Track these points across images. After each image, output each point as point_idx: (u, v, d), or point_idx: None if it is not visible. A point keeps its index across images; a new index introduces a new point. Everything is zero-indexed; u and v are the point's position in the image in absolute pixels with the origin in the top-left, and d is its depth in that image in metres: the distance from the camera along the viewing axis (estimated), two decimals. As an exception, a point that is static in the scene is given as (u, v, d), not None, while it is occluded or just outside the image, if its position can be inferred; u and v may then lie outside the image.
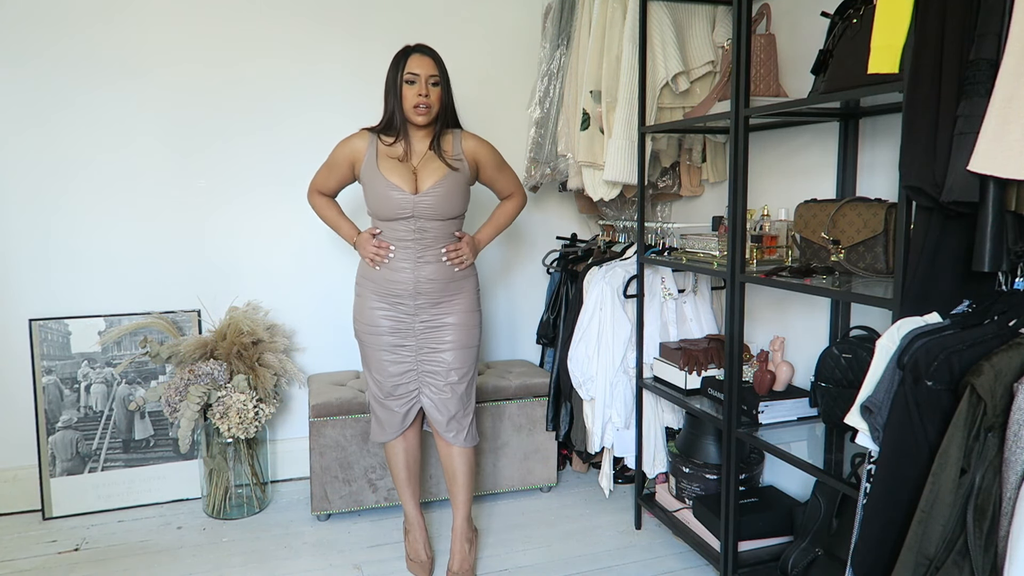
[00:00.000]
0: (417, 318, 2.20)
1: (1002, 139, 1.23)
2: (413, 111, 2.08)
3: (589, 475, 3.10)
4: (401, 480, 2.36)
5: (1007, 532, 1.11)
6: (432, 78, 2.09)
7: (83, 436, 2.76)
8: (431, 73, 2.09)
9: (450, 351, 2.21)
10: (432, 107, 2.09)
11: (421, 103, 2.07)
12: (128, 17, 2.74)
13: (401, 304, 2.18)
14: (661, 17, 2.46)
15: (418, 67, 2.07)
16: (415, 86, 2.07)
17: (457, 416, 2.24)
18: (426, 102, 2.07)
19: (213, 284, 2.92)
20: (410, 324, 2.20)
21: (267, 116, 2.94)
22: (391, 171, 2.12)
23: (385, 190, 2.10)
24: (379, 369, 2.23)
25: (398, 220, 2.13)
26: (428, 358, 2.22)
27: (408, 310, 2.19)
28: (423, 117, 2.09)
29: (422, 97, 2.06)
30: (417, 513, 2.38)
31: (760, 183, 2.49)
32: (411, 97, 2.07)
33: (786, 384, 2.20)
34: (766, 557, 2.22)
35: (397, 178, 2.11)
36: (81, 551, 2.48)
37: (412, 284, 2.16)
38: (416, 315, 2.19)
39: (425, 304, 2.19)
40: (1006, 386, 1.15)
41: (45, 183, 2.72)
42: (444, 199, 2.12)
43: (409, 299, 2.18)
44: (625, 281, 2.61)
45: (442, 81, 2.11)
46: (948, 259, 1.44)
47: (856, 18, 1.72)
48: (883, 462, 1.35)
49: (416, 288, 2.17)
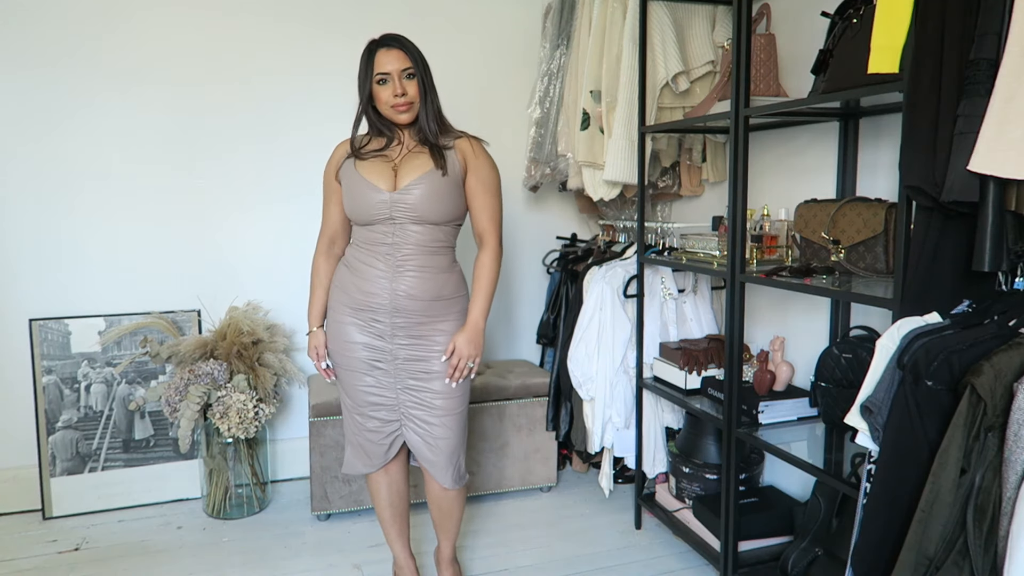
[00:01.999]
0: (395, 340, 1.91)
1: (1002, 139, 1.22)
2: (393, 111, 1.88)
3: (589, 475, 3.10)
4: (385, 520, 2.10)
5: (1007, 532, 1.11)
6: (406, 71, 1.86)
7: (83, 436, 2.76)
8: (404, 67, 1.85)
9: (439, 382, 1.92)
10: (414, 102, 1.88)
11: (400, 103, 1.86)
12: (132, 24, 2.75)
13: (377, 322, 1.91)
14: (661, 17, 2.46)
15: (388, 63, 1.84)
16: (388, 85, 1.86)
17: (451, 456, 1.97)
18: (405, 101, 1.86)
19: (213, 284, 2.92)
20: (387, 347, 1.92)
21: (267, 117, 2.94)
22: (369, 168, 1.90)
23: (361, 188, 1.88)
24: (352, 394, 1.98)
25: (375, 224, 1.89)
26: (412, 395, 1.94)
27: (384, 329, 1.91)
28: (407, 114, 1.88)
29: (399, 96, 1.85)
30: (406, 555, 2.15)
31: (760, 183, 2.49)
32: (387, 98, 1.86)
33: (786, 384, 2.20)
34: (766, 557, 2.22)
35: (375, 175, 1.88)
36: (81, 551, 2.48)
37: (388, 298, 1.89)
38: (394, 336, 1.91)
39: (404, 325, 1.90)
40: (1006, 386, 1.15)
41: (46, 183, 2.72)
42: (426, 199, 1.85)
43: (385, 316, 1.90)
44: (625, 281, 2.61)
45: (418, 70, 1.88)
46: (948, 259, 1.44)
47: (856, 18, 1.72)
48: (883, 462, 1.35)
49: (393, 303, 1.89)
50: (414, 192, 1.85)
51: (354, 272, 1.95)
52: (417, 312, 1.90)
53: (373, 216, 1.88)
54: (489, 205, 1.97)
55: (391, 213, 1.87)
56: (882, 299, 1.58)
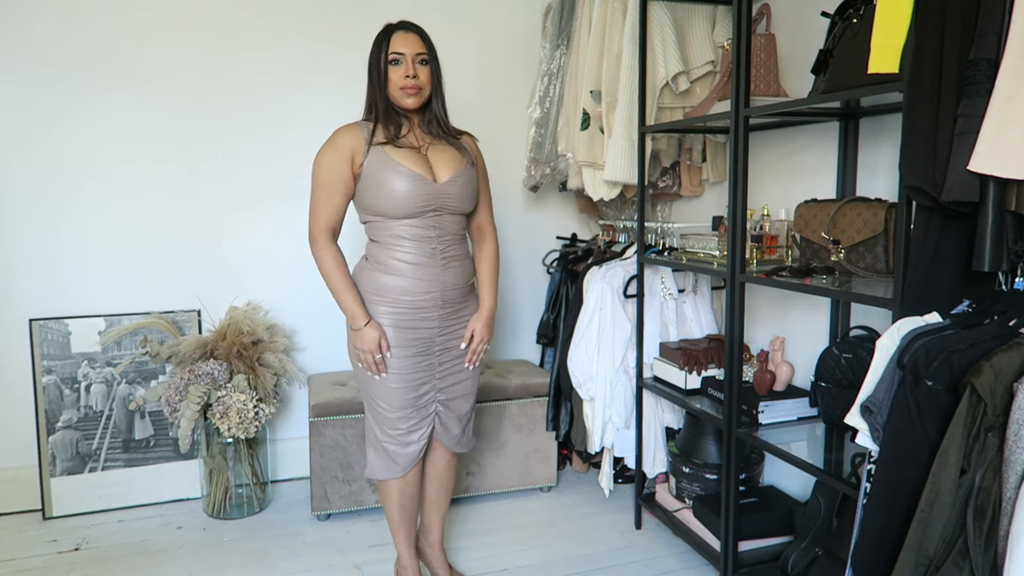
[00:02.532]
0: (442, 332, 1.98)
1: (1002, 139, 1.22)
2: (400, 93, 1.86)
3: (589, 475, 3.10)
4: (395, 521, 2.10)
5: (1007, 532, 1.11)
6: (420, 56, 1.86)
7: (83, 436, 2.76)
8: (418, 51, 1.86)
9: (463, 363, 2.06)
10: (423, 88, 1.87)
11: (409, 85, 1.84)
12: (132, 24, 2.75)
13: (427, 319, 1.94)
14: (661, 17, 2.46)
15: (403, 45, 1.84)
16: (401, 67, 1.85)
17: (468, 424, 2.13)
18: (415, 84, 1.85)
19: (213, 284, 2.92)
20: (434, 339, 1.97)
21: (267, 117, 2.94)
22: (406, 158, 1.85)
23: (405, 180, 1.82)
24: (398, 398, 1.94)
25: (419, 216, 1.86)
26: (448, 379, 2.03)
27: (433, 324, 1.95)
28: (413, 99, 1.86)
29: (410, 79, 1.84)
30: (411, 556, 2.15)
31: (760, 183, 2.49)
32: (397, 79, 1.85)
33: (786, 384, 2.20)
34: (766, 557, 2.22)
35: (416, 164, 1.85)
36: (81, 551, 2.48)
37: (440, 292, 1.92)
38: (441, 328, 1.97)
39: (449, 315, 1.97)
40: (1006, 386, 1.15)
41: (46, 183, 2.72)
42: (464, 190, 1.91)
43: (435, 310, 1.94)
44: (625, 281, 2.61)
45: (431, 59, 1.89)
46: (948, 259, 1.44)
47: (856, 18, 1.72)
48: (883, 462, 1.35)
49: (443, 296, 1.93)
50: (457, 183, 1.90)
51: (397, 274, 1.89)
52: (456, 301, 1.98)
53: (419, 208, 1.85)
54: (489, 199, 2.11)
55: (439, 204, 1.87)
56: (882, 299, 1.58)
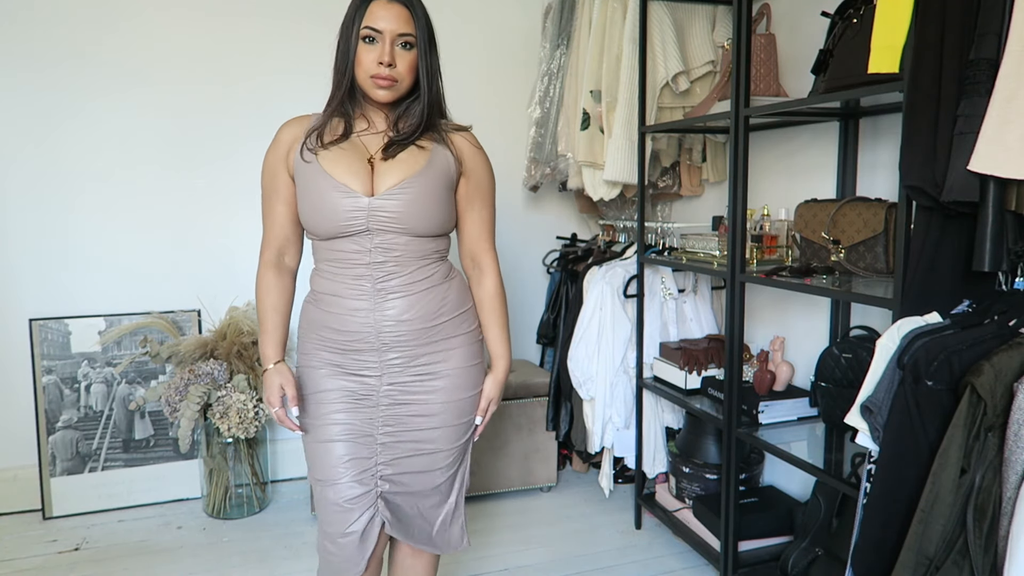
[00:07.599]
0: (387, 381, 1.48)
1: (1002, 139, 1.22)
2: (370, 82, 1.40)
3: (589, 475, 3.10)
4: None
5: (1007, 532, 1.11)
6: (403, 38, 1.39)
7: (83, 436, 2.76)
8: (402, 31, 1.38)
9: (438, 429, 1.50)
10: (400, 80, 1.41)
11: (382, 74, 1.38)
12: (133, 25, 2.75)
13: (363, 362, 1.47)
14: (661, 17, 2.46)
15: (382, 19, 1.37)
16: (375, 47, 1.38)
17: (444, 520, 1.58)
18: (389, 74, 1.38)
19: (213, 284, 2.92)
20: (377, 388, 1.48)
21: (268, 117, 2.92)
22: (334, 162, 1.41)
23: (324, 191, 1.39)
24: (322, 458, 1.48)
25: (345, 237, 1.42)
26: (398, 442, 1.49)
27: (372, 369, 1.47)
28: (385, 92, 1.40)
29: (382, 67, 1.38)
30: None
31: (760, 183, 2.49)
32: (368, 63, 1.38)
33: (786, 384, 2.20)
34: (766, 557, 2.22)
35: (344, 172, 1.40)
36: (81, 551, 2.48)
37: (373, 332, 1.44)
38: (384, 376, 1.47)
39: (399, 361, 1.47)
40: (1006, 386, 1.15)
41: (46, 184, 2.72)
42: (413, 205, 1.40)
43: (373, 354, 1.46)
44: (625, 281, 2.61)
45: (419, 42, 1.41)
46: (948, 259, 1.44)
47: (856, 18, 1.72)
48: (883, 462, 1.35)
49: (379, 338, 1.44)
50: (400, 197, 1.40)
51: (322, 307, 1.49)
52: (412, 340, 1.46)
53: (342, 228, 1.40)
54: (488, 219, 1.57)
55: (367, 223, 1.40)
56: (882, 299, 1.58)
